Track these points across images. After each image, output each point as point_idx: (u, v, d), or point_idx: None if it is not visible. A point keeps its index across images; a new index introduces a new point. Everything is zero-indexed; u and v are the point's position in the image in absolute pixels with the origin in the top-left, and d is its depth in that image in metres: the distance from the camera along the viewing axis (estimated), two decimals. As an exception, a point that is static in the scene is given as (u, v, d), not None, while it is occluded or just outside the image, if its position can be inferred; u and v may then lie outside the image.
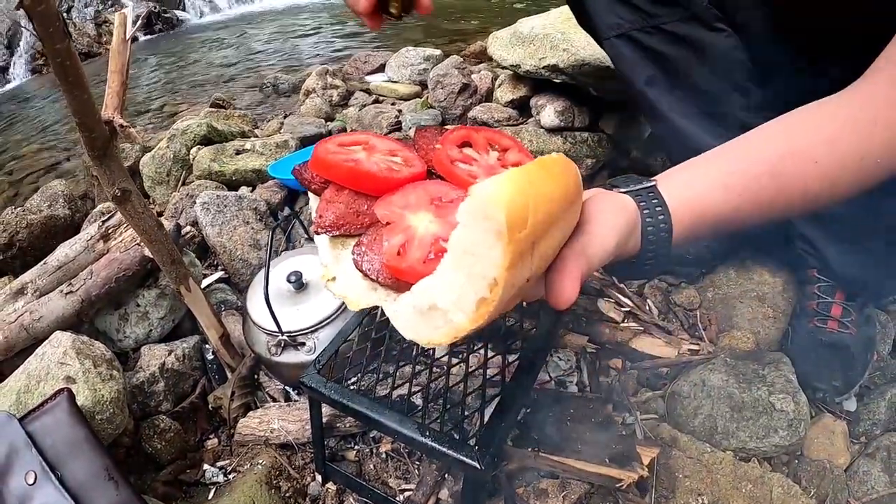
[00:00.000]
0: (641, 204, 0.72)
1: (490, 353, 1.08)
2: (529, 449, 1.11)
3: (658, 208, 0.73)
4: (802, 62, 1.12)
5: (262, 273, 1.25)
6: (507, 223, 0.49)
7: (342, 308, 1.30)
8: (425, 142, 0.81)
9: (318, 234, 0.73)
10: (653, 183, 0.75)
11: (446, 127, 0.84)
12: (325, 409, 1.14)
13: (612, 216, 0.68)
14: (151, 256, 1.23)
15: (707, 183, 0.78)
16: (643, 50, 1.27)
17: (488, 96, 2.49)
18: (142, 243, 1.34)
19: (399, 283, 0.64)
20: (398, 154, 0.79)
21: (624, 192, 0.74)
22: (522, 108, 2.25)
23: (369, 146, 0.79)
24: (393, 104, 2.80)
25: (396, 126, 2.47)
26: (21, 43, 5.40)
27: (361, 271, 0.67)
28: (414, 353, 1.14)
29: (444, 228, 0.65)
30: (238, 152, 2.17)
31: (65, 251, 1.45)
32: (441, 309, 0.57)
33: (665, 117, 1.32)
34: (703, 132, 1.28)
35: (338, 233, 0.72)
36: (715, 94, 1.26)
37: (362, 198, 0.74)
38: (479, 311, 0.54)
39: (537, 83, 2.14)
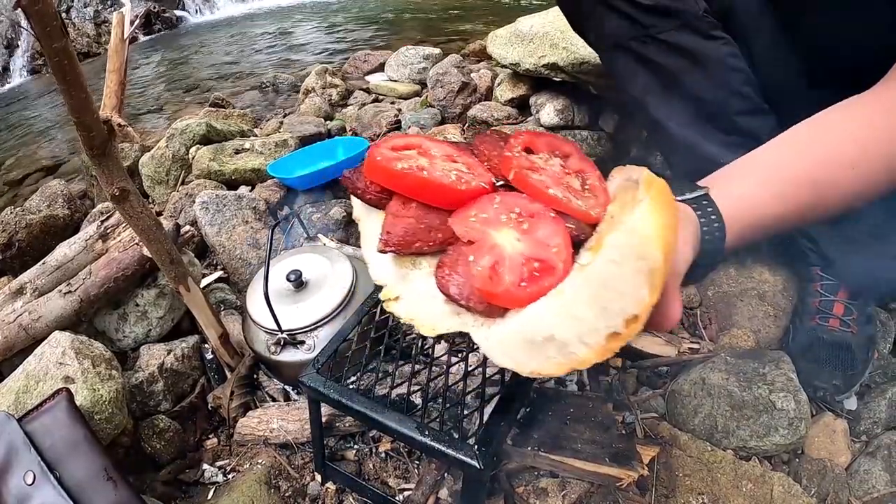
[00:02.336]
0: (698, 213, 0.74)
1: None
2: (529, 448, 1.11)
3: (713, 216, 0.75)
4: (806, 68, 1.12)
5: (261, 272, 1.25)
6: (664, 262, 0.51)
7: (341, 307, 1.30)
8: (487, 147, 0.79)
9: (384, 252, 0.69)
10: (705, 191, 0.77)
11: (505, 131, 0.81)
12: (325, 409, 1.14)
13: (685, 230, 0.69)
14: (150, 256, 1.23)
15: (755, 192, 0.79)
16: (639, 60, 1.27)
17: (488, 95, 2.49)
18: (140, 243, 1.34)
19: (491, 307, 0.63)
20: (458, 160, 0.75)
21: (680, 201, 0.75)
22: (522, 107, 2.25)
23: (424, 150, 0.76)
24: (392, 103, 2.80)
25: (396, 125, 2.47)
26: (20, 43, 5.39)
27: (448, 295, 0.64)
28: (413, 352, 1.13)
29: (532, 247, 0.63)
30: (237, 151, 2.17)
31: (64, 251, 1.45)
32: (559, 341, 0.56)
33: (663, 126, 1.32)
34: (700, 139, 1.29)
35: (409, 251, 0.69)
36: (712, 101, 1.26)
37: (433, 211, 0.70)
38: (609, 345, 0.54)
39: (537, 82, 2.14)
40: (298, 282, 1.33)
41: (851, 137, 0.79)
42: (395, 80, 3.07)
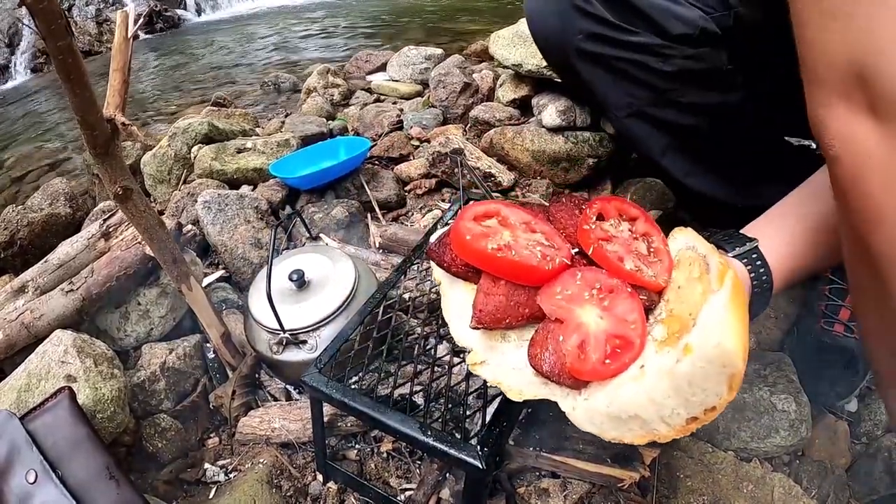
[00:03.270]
0: (748, 267, 0.81)
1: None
2: (531, 448, 1.11)
3: (761, 270, 0.82)
4: None
5: (263, 272, 1.25)
6: (743, 368, 0.59)
7: (343, 306, 1.30)
8: (564, 216, 0.84)
9: (477, 328, 0.75)
10: (755, 244, 0.83)
11: (580, 196, 0.90)
12: (327, 409, 1.14)
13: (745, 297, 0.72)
14: (152, 255, 1.23)
15: (798, 242, 0.84)
16: (657, 123, 1.26)
17: (490, 96, 2.49)
18: (143, 242, 1.34)
19: (577, 381, 0.69)
20: (536, 229, 0.81)
21: (732, 256, 0.82)
22: (524, 108, 2.25)
23: (503, 219, 0.82)
24: (394, 103, 2.80)
25: (398, 125, 2.47)
26: (22, 41, 5.40)
27: (541, 373, 0.70)
28: (415, 352, 1.13)
29: (613, 324, 0.70)
30: (239, 151, 2.17)
31: (66, 249, 1.45)
32: (643, 419, 0.64)
33: (681, 183, 1.32)
34: (722, 189, 1.30)
35: (499, 327, 0.75)
36: (732, 148, 1.26)
37: (521, 288, 0.76)
38: (688, 426, 0.63)
39: (539, 82, 2.14)
40: (301, 281, 1.33)
41: None
42: (397, 80, 3.07)
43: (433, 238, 0.86)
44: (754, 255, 0.82)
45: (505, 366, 0.76)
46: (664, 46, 1.15)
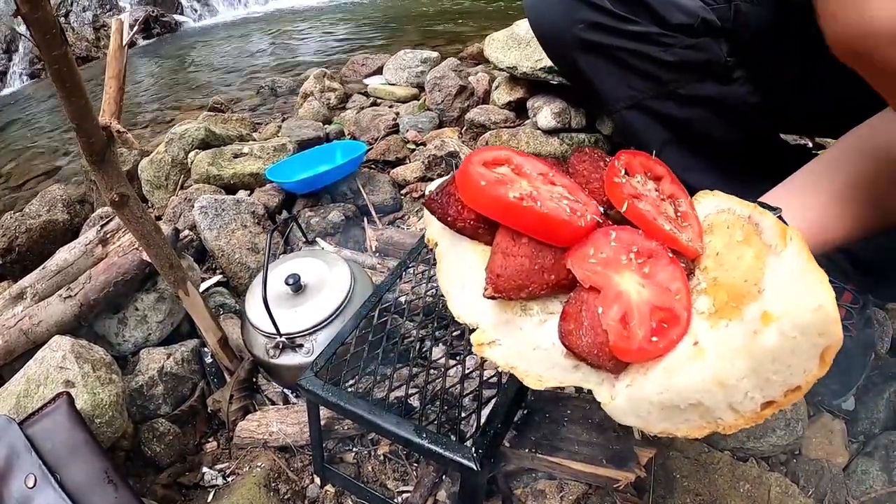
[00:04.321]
0: None
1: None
2: (527, 450, 1.11)
3: None
4: (835, 99, 1.11)
5: (260, 276, 1.26)
6: (840, 339, 0.50)
7: (339, 310, 1.31)
8: (587, 168, 0.73)
9: (493, 298, 0.62)
10: (779, 212, 0.76)
11: (600, 151, 0.75)
12: (324, 412, 1.15)
13: None
14: (149, 260, 1.23)
15: (825, 212, 0.80)
16: (656, 116, 1.25)
17: (485, 98, 2.50)
18: (140, 247, 1.34)
19: (619, 363, 0.59)
20: (556, 182, 0.69)
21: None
22: (520, 110, 2.25)
23: (517, 167, 0.69)
24: (390, 106, 2.81)
25: (394, 129, 2.47)
26: (19, 47, 5.40)
27: (576, 352, 0.59)
28: (411, 355, 1.14)
29: (656, 295, 0.60)
30: (236, 156, 2.17)
31: (63, 255, 1.45)
32: (706, 407, 0.55)
33: (680, 178, 1.30)
34: (722, 184, 1.26)
35: (521, 296, 0.63)
36: (731, 142, 1.25)
37: (547, 249, 0.63)
38: (763, 412, 0.53)
39: (534, 85, 2.14)
40: (297, 286, 1.33)
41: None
42: (393, 84, 3.07)
43: (431, 187, 0.72)
44: None
45: (524, 345, 0.64)
46: (664, 35, 1.15)
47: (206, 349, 1.46)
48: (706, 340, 0.56)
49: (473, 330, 0.68)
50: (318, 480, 1.22)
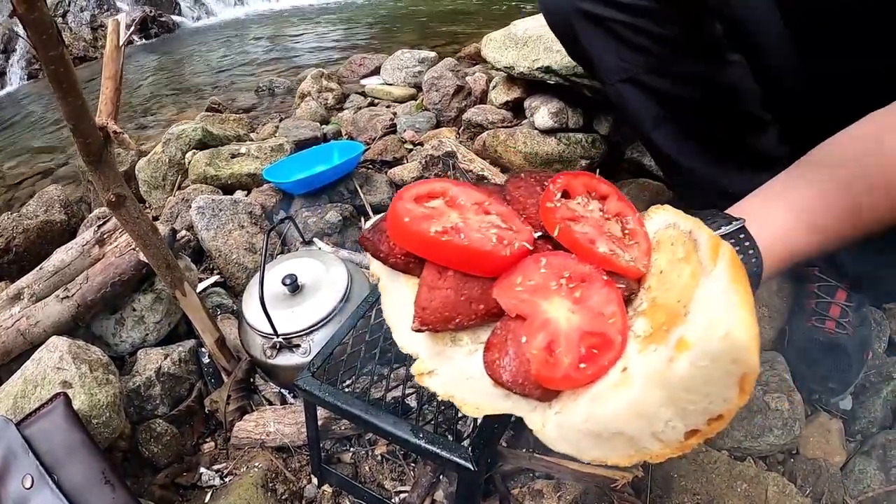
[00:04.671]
0: (736, 248, 0.71)
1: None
2: (524, 450, 1.11)
3: (751, 251, 0.73)
4: (819, 78, 1.11)
5: (257, 276, 1.26)
6: (758, 366, 0.47)
7: (337, 310, 1.31)
8: (523, 194, 0.72)
9: (420, 331, 0.62)
10: (741, 223, 0.75)
11: (542, 172, 0.72)
12: (321, 412, 1.15)
13: None
14: (147, 261, 1.23)
15: (791, 224, 0.77)
16: (650, 92, 1.24)
17: (483, 98, 2.50)
18: (137, 248, 1.34)
19: (547, 391, 0.57)
20: (490, 210, 0.68)
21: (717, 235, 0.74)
22: (517, 110, 2.25)
23: (452, 199, 0.68)
24: (388, 106, 2.81)
25: (391, 129, 2.47)
26: (17, 48, 5.39)
27: (500, 383, 0.58)
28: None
29: (587, 320, 0.58)
30: (233, 156, 2.17)
31: (61, 256, 1.45)
32: (629, 436, 0.53)
33: (672, 159, 1.31)
34: (712, 168, 1.28)
35: (448, 328, 0.62)
36: (724, 126, 1.25)
37: (473, 280, 0.62)
38: (687, 442, 0.51)
39: (531, 85, 2.14)
40: (294, 286, 1.33)
41: (885, 156, 0.76)
42: (391, 84, 3.07)
43: (367, 225, 0.72)
44: (742, 236, 0.73)
45: (457, 375, 0.63)
46: (659, 10, 1.16)
47: (203, 349, 1.46)
48: (634, 366, 0.54)
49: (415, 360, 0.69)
50: (315, 481, 1.22)
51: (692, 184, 1.34)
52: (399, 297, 0.70)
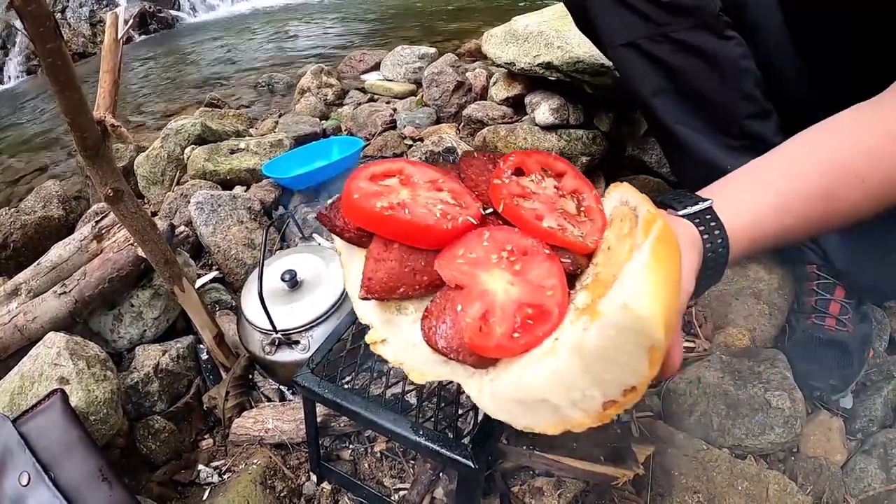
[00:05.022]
0: (701, 228, 0.72)
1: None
2: (524, 447, 1.11)
3: (717, 232, 0.72)
4: (817, 66, 1.11)
5: (256, 272, 1.25)
6: (665, 339, 0.48)
7: (336, 306, 1.30)
8: (474, 171, 0.74)
9: (366, 299, 0.66)
10: (709, 203, 0.74)
11: (495, 151, 0.75)
12: (320, 409, 1.14)
13: (689, 258, 0.66)
14: (145, 256, 1.22)
15: (761, 205, 0.77)
16: (651, 59, 1.25)
17: (483, 94, 2.49)
18: (135, 243, 1.34)
19: (482, 359, 0.59)
20: (443, 187, 0.71)
21: (682, 216, 0.73)
22: (517, 106, 2.25)
23: (406, 178, 0.71)
24: (388, 102, 2.80)
25: (391, 125, 2.47)
26: (15, 43, 5.38)
27: (436, 349, 0.60)
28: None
29: (526, 292, 0.59)
30: (232, 151, 2.16)
31: (58, 252, 1.44)
32: (553, 404, 0.53)
33: (670, 129, 1.30)
34: (708, 144, 1.27)
35: (393, 297, 0.65)
36: (722, 104, 1.25)
37: (418, 252, 0.65)
38: (607, 412, 0.52)
39: (532, 81, 2.14)
40: (293, 282, 1.33)
41: (861, 147, 0.77)
42: (391, 80, 3.06)
43: (328, 202, 0.75)
44: (708, 216, 0.73)
45: (405, 343, 0.66)
46: None
47: (201, 346, 1.46)
48: (564, 337, 0.55)
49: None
50: (314, 478, 1.21)
51: (688, 159, 1.33)
52: (356, 270, 0.72)
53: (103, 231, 1.45)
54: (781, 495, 1.09)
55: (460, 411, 0.97)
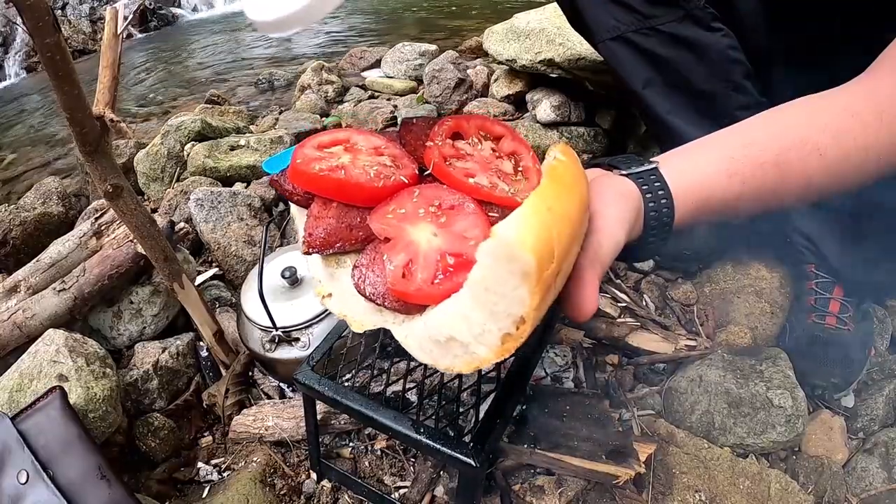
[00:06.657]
0: (644, 187, 0.71)
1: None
2: (525, 446, 1.11)
3: (661, 191, 0.72)
4: (802, 58, 1.11)
5: (256, 269, 1.25)
6: (536, 265, 0.48)
7: (337, 304, 1.30)
8: (413, 137, 0.77)
9: (307, 254, 0.70)
10: (654, 165, 0.74)
11: (434, 117, 0.79)
12: (320, 406, 1.14)
13: (617, 209, 0.66)
14: (144, 253, 1.22)
15: (711, 168, 0.77)
16: (640, 52, 1.26)
17: (484, 91, 2.49)
18: (135, 240, 1.33)
19: (408, 305, 0.62)
20: (384, 152, 0.75)
21: (625, 175, 0.73)
22: (519, 103, 2.25)
23: (351, 146, 0.75)
24: (388, 100, 2.80)
25: (392, 121, 2.46)
26: (15, 41, 5.38)
27: (364, 296, 0.64)
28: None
29: (448, 242, 0.62)
30: (233, 148, 2.16)
31: (58, 248, 1.44)
32: (460, 341, 0.55)
33: (662, 120, 1.31)
34: (700, 135, 1.27)
35: (331, 251, 0.69)
36: (712, 94, 1.25)
37: (354, 210, 0.69)
38: (505, 346, 0.53)
39: (533, 78, 2.14)
40: (293, 279, 1.32)
41: (825, 125, 0.77)
42: (392, 77, 3.06)
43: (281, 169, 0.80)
44: (652, 177, 0.73)
45: (346, 294, 0.69)
46: None
47: (201, 343, 1.45)
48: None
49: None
50: (314, 476, 1.21)
51: (681, 144, 1.33)
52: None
53: (103, 228, 1.44)
54: (783, 494, 1.08)
55: (461, 409, 0.97)
